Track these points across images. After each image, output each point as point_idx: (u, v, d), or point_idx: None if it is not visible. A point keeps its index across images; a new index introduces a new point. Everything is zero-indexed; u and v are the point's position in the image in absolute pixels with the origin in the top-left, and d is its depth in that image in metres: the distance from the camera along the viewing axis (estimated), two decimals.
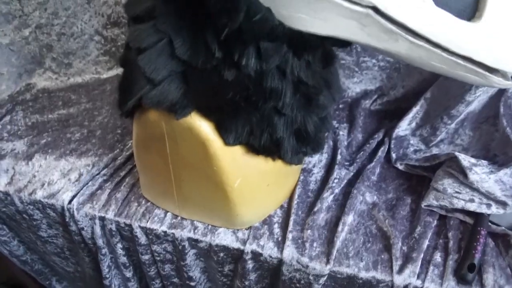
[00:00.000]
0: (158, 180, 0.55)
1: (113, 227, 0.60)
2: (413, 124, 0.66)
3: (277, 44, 0.40)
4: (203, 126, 0.43)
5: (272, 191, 0.55)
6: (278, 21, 0.38)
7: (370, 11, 0.36)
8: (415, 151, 0.64)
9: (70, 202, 0.61)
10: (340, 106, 0.76)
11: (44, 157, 0.68)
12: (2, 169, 0.67)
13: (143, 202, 0.60)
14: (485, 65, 0.39)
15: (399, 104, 0.72)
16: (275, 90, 0.42)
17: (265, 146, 0.46)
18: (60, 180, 0.64)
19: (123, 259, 0.65)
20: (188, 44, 0.40)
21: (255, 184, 0.51)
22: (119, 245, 0.63)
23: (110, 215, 0.59)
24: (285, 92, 0.43)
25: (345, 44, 0.43)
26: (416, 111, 0.65)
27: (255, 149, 0.47)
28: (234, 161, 0.47)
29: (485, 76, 0.40)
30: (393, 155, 0.63)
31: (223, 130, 0.44)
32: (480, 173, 0.51)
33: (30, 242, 0.76)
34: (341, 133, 0.69)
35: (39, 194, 0.63)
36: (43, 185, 0.64)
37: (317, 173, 0.62)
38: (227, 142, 0.45)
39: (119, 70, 0.83)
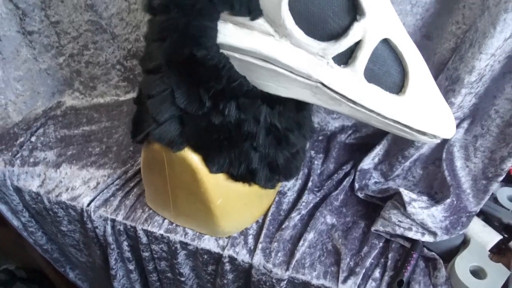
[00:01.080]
0: (159, 194, 0.67)
1: (121, 228, 0.72)
2: (376, 160, 0.77)
3: (252, 100, 0.51)
4: (193, 158, 0.55)
5: (248, 209, 0.67)
6: (252, 86, 0.50)
7: (319, 85, 0.47)
8: (375, 183, 0.75)
9: (88, 205, 0.73)
10: (320, 138, 0.87)
11: (70, 167, 0.81)
12: (36, 173, 0.80)
13: (147, 210, 0.72)
14: (411, 127, 0.51)
15: (369, 140, 0.82)
16: (251, 133, 0.53)
17: (241, 175, 0.57)
18: (81, 186, 0.76)
19: (128, 254, 0.78)
20: (185, 96, 0.50)
21: (234, 203, 0.63)
22: (125, 243, 0.75)
23: (119, 218, 0.71)
24: (259, 134, 0.54)
25: (305, 102, 0.55)
26: (379, 149, 0.76)
27: (233, 176, 0.58)
28: (217, 185, 0.59)
29: (413, 134, 0.51)
30: (356, 185, 0.75)
31: (208, 162, 0.56)
32: (417, 207, 0.62)
33: (52, 234, 0.88)
34: (316, 162, 0.81)
35: (64, 197, 0.75)
36: (67, 189, 0.76)
37: (290, 196, 0.74)
38: (211, 171, 0.56)
39: (134, 95, 0.96)
